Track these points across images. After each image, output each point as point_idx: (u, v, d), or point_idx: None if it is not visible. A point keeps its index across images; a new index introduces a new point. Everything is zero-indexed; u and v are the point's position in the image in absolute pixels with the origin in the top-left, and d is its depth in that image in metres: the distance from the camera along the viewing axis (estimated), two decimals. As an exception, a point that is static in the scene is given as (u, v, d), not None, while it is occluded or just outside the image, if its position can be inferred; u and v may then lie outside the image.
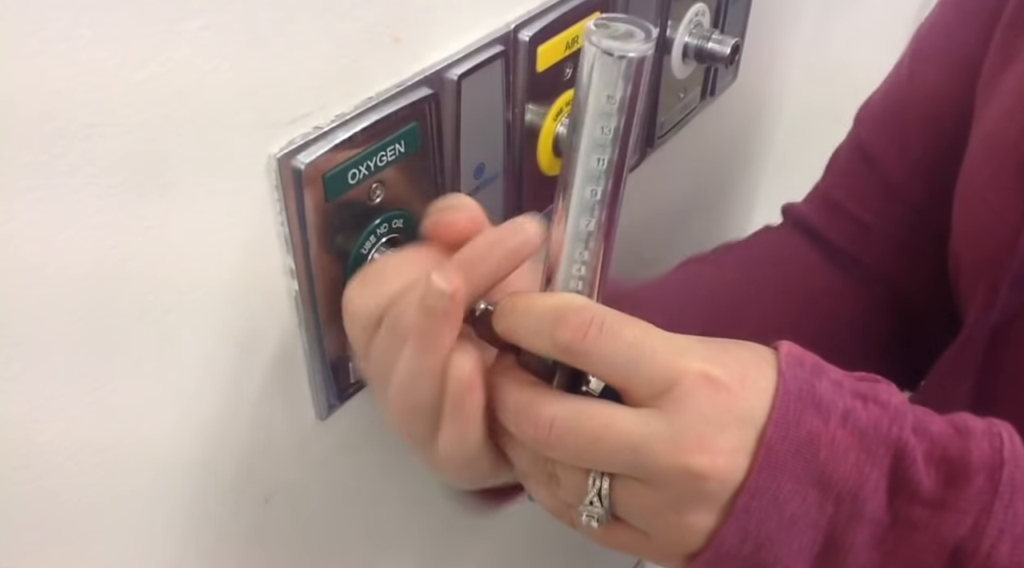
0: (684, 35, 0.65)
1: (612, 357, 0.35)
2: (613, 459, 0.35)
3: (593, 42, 0.32)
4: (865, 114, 0.64)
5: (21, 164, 0.31)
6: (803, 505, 0.35)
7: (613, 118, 0.33)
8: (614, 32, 0.33)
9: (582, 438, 0.35)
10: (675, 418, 0.34)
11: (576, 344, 0.35)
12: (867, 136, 0.63)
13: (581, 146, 0.34)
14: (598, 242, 0.36)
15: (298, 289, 0.44)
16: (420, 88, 0.44)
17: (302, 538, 0.54)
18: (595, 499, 0.36)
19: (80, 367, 0.37)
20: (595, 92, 0.33)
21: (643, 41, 0.32)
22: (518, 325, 0.36)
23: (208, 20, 0.34)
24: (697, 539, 0.36)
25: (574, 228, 0.36)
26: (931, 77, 0.58)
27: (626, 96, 0.33)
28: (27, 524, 0.38)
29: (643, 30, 0.33)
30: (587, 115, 0.33)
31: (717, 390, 0.34)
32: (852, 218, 0.62)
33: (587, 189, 0.35)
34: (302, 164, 0.40)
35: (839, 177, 0.65)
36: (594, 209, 0.35)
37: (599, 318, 0.35)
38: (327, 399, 0.49)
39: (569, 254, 0.36)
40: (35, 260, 0.33)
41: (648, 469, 0.35)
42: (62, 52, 0.31)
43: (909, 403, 0.37)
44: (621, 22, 0.33)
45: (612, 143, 0.34)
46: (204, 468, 0.45)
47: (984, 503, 0.34)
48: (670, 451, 0.34)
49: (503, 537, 0.82)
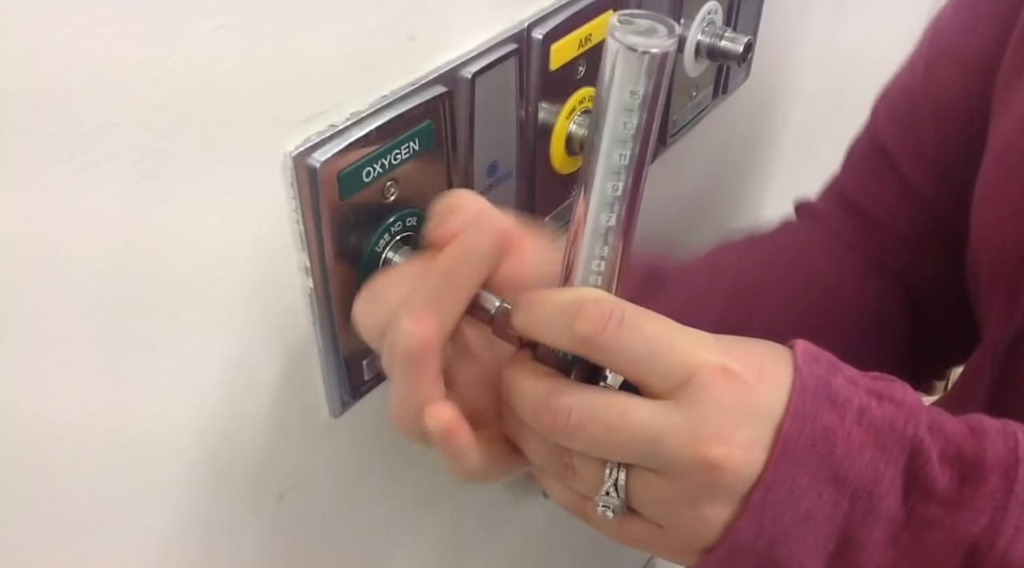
0: (697, 33, 0.65)
1: (631, 351, 0.35)
2: (629, 448, 0.35)
3: (617, 38, 0.32)
4: (881, 110, 0.63)
5: (40, 161, 0.31)
6: (818, 501, 0.35)
7: (635, 114, 0.33)
8: (637, 28, 0.33)
9: (599, 427, 0.35)
10: (692, 410, 0.34)
11: (596, 337, 0.35)
12: (883, 132, 0.62)
13: (603, 142, 0.34)
14: (617, 238, 0.36)
15: (313, 287, 0.44)
16: (434, 86, 0.44)
17: (316, 535, 0.54)
18: (611, 489, 0.36)
19: (97, 364, 0.37)
20: (618, 88, 0.33)
21: (666, 37, 0.32)
22: (537, 319, 0.36)
23: (225, 19, 0.35)
24: (712, 533, 0.36)
25: (594, 224, 0.36)
26: (945, 79, 0.58)
27: (648, 92, 0.33)
28: (42, 520, 0.38)
29: (666, 26, 0.33)
30: (609, 110, 0.33)
31: (735, 383, 0.34)
32: (867, 216, 0.62)
33: (608, 185, 0.35)
34: (317, 162, 0.40)
35: (855, 173, 0.64)
36: (614, 205, 0.35)
37: (619, 311, 0.35)
38: (341, 397, 0.49)
39: (588, 250, 0.36)
40: (52, 257, 0.33)
41: (665, 459, 0.35)
42: (80, 51, 0.31)
43: (923, 403, 0.37)
44: (644, 18, 0.33)
45: (634, 139, 0.34)
46: (219, 465, 0.45)
47: (1000, 501, 0.34)
48: (687, 442, 0.34)
49: (515, 534, 0.82)
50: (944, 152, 0.58)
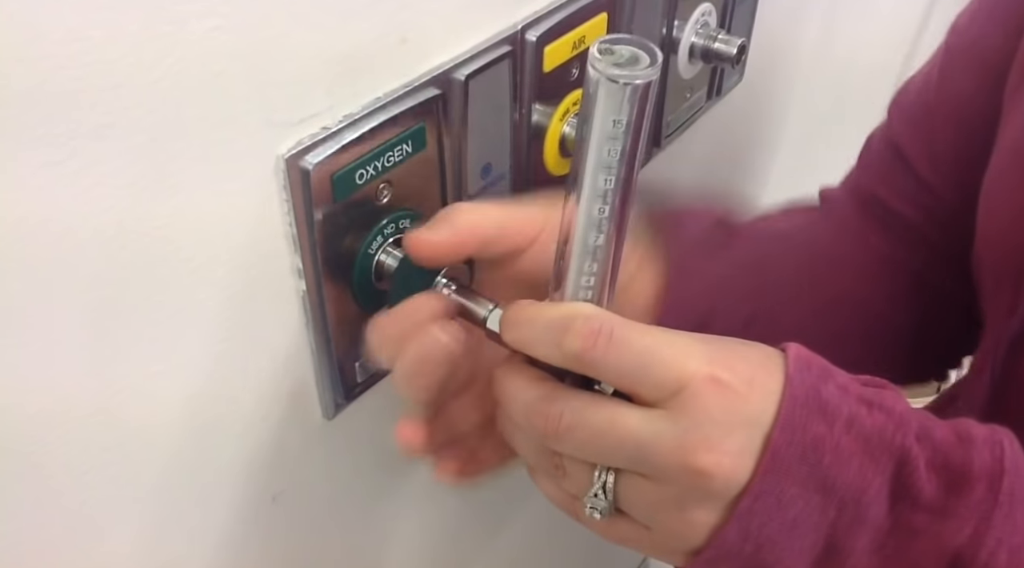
0: (690, 35, 0.65)
1: (621, 365, 0.35)
2: (618, 454, 0.35)
3: (598, 69, 0.32)
4: (897, 110, 0.63)
5: (35, 164, 0.31)
6: (806, 508, 0.35)
7: (619, 141, 0.33)
8: (618, 58, 0.32)
9: (589, 432, 0.35)
10: (682, 419, 0.34)
11: (585, 354, 0.35)
12: (899, 133, 0.61)
13: (587, 166, 0.34)
14: (607, 253, 0.36)
15: (305, 289, 0.44)
16: (427, 88, 0.44)
17: (309, 537, 0.54)
18: (599, 492, 0.37)
19: (87, 368, 0.37)
20: (600, 117, 0.33)
21: (648, 66, 0.32)
22: (527, 336, 0.37)
23: (218, 22, 0.35)
24: (698, 536, 0.36)
25: (582, 243, 0.36)
26: (961, 82, 0.58)
27: (631, 119, 0.33)
28: (32, 522, 0.38)
29: (648, 53, 0.33)
30: (593, 138, 0.33)
31: (724, 393, 0.35)
32: (887, 210, 0.62)
33: (594, 207, 0.35)
34: (310, 164, 0.40)
35: (871, 170, 0.64)
36: (602, 225, 0.35)
37: (608, 327, 0.35)
38: (334, 399, 0.49)
39: (577, 267, 0.36)
40: (42, 260, 0.33)
41: (652, 466, 0.35)
42: (73, 54, 0.31)
43: (913, 409, 0.37)
44: (625, 44, 0.33)
45: (619, 163, 0.34)
46: (212, 467, 0.45)
47: (984, 512, 0.35)
48: (675, 450, 0.34)
49: (509, 536, 0.82)
50: (960, 156, 0.58)
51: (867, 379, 0.38)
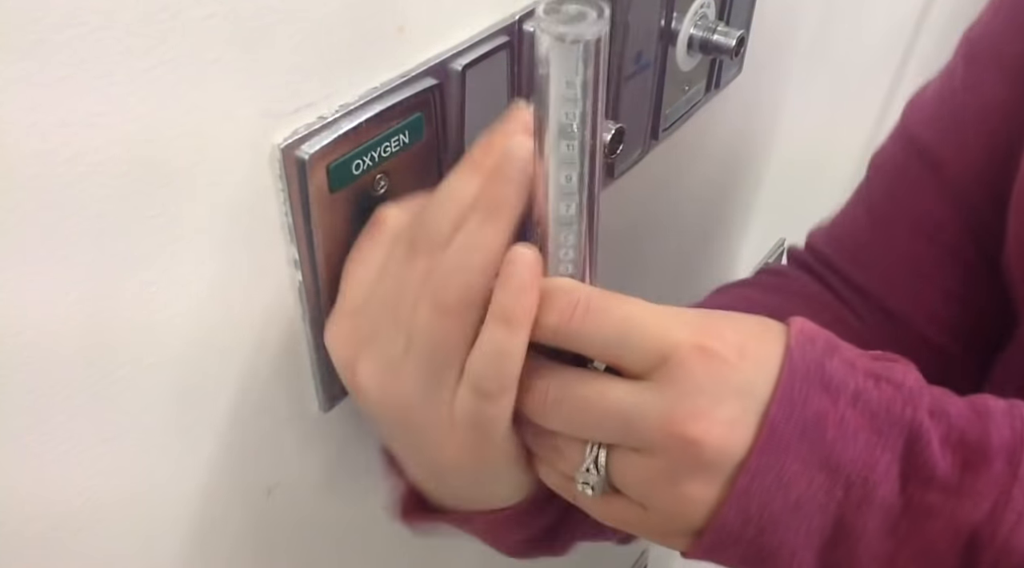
0: (689, 27, 0.65)
1: (601, 335, 0.35)
2: (604, 426, 0.35)
3: (544, 29, 0.31)
4: (916, 118, 0.62)
5: (22, 153, 0.31)
6: (810, 488, 0.34)
7: (578, 103, 0.32)
8: (565, 16, 0.31)
9: (574, 405, 0.35)
10: (668, 389, 0.34)
11: (563, 326, 0.35)
12: (925, 140, 0.60)
13: (548, 135, 0.33)
14: (582, 224, 0.35)
15: (301, 280, 0.43)
16: (424, 78, 0.44)
17: (304, 530, 0.54)
18: (591, 466, 0.36)
19: (82, 374, 0.37)
20: (555, 80, 0.32)
21: (595, 21, 0.31)
22: None
23: (213, 9, 0.34)
24: (696, 514, 0.35)
25: (555, 214, 0.35)
26: (988, 85, 0.57)
27: (587, 79, 0.32)
28: (29, 518, 0.38)
29: (594, 8, 0.31)
30: (550, 104, 0.33)
31: (712, 361, 0.34)
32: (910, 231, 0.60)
33: (562, 175, 0.34)
34: (306, 154, 0.40)
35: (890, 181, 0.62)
36: (572, 194, 0.35)
37: (584, 298, 0.35)
38: (330, 391, 0.48)
39: (555, 238, 0.36)
40: (38, 258, 0.33)
41: (640, 438, 0.34)
42: (64, 41, 0.30)
43: (926, 384, 0.36)
44: (571, 2, 0.32)
45: (580, 128, 0.33)
46: (206, 460, 0.45)
47: (1003, 487, 0.33)
48: (663, 420, 0.34)
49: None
50: (992, 159, 0.57)
51: (878, 354, 0.36)
